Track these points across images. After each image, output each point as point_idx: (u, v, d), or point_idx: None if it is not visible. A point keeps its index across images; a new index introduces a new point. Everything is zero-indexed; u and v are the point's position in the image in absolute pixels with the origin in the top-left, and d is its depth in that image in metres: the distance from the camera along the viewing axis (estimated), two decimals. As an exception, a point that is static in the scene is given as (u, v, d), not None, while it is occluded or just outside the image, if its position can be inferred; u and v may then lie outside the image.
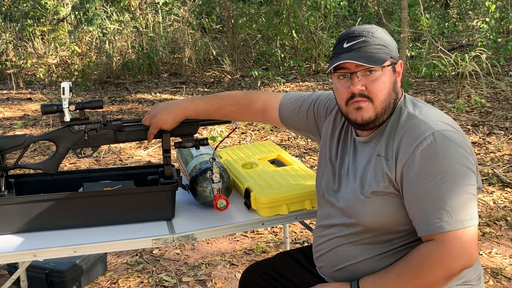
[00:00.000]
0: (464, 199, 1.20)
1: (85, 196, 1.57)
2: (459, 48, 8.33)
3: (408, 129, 1.27)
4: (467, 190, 1.21)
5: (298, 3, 8.64)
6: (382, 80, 1.30)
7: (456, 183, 1.20)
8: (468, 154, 1.23)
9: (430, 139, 1.22)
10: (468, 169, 1.22)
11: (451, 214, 1.19)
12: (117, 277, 2.69)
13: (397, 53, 1.35)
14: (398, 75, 1.35)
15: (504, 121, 4.94)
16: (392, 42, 1.35)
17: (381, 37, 1.32)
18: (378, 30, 1.33)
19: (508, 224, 3.07)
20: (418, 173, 1.22)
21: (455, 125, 1.29)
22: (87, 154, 1.68)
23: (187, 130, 1.67)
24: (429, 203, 1.21)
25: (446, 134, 1.22)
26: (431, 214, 1.21)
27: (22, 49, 8.93)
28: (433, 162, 1.21)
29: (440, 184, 1.20)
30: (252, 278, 1.68)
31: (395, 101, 1.33)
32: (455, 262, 1.20)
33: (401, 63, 1.35)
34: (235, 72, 8.63)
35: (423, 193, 1.22)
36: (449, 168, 1.20)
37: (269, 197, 1.63)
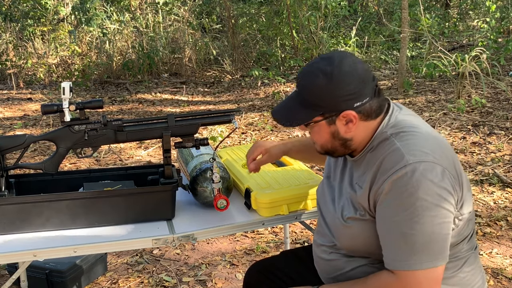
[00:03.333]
0: (428, 239, 1.16)
1: (85, 196, 1.57)
2: (459, 48, 8.33)
3: (384, 158, 1.22)
4: (433, 229, 1.16)
5: (298, 3, 8.64)
6: (314, 130, 1.30)
7: (422, 222, 1.15)
8: (441, 189, 1.16)
9: (402, 172, 1.17)
10: (439, 207, 1.16)
11: (413, 255, 1.17)
12: (117, 277, 2.69)
13: (338, 106, 1.23)
14: (349, 123, 1.25)
15: (504, 121, 4.93)
16: (331, 93, 1.21)
17: (313, 93, 1.23)
18: (315, 83, 1.22)
19: (508, 224, 3.07)
20: (387, 205, 1.20)
21: (439, 151, 1.21)
22: (87, 154, 1.68)
23: (188, 130, 1.67)
24: (393, 238, 1.20)
25: (421, 167, 1.16)
26: (393, 249, 1.20)
27: (22, 49, 8.92)
28: (402, 197, 1.16)
29: (406, 221, 1.16)
30: (256, 275, 1.68)
31: (345, 143, 1.29)
32: None
33: (351, 113, 1.23)
34: (235, 72, 8.62)
35: (389, 227, 1.20)
36: (417, 205, 1.15)
37: (269, 197, 1.63)
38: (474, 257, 1.36)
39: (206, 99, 7.24)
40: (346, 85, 1.21)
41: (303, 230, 3.12)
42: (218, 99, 7.20)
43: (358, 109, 1.24)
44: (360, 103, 1.23)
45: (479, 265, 1.39)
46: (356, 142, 1.29)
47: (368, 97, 1.23)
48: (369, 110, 1.25)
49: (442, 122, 5.10)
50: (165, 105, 6.87)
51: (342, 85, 1.21)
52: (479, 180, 3.69)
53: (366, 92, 1.23)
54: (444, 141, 1.29)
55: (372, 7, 10.89)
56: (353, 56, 1.26)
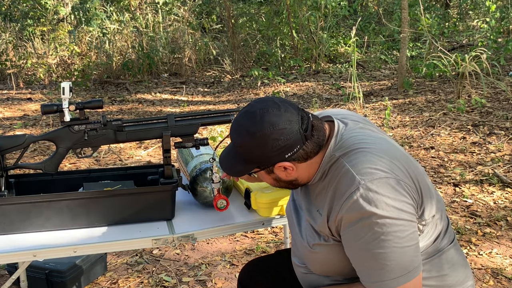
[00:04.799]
0: (398, 255, 1.16)
1: (85, 196, 1.57)
2: (459, 48, 8.33)
3: (338, 183, 1.22)
4: (401, 244, 1.16)
5: (298, 3, 8.64)
6: (258, 177, 1.35)
7: (387, 240, 1.15)
8: (398, 202, 1.16)
9: (357, 194, 1.16)
10: (401, 220, 1.16)
11: (386, 273, 1.17)
12: (117, 277, 2.69)
13: (269, 160, 1.23)
14: (287, 169, 1.25)
15: (504, 121, 4.93)
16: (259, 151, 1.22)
17: (244, 151, 1.24)
18: (242, 142, 1.23)
19: (508, 224, 3.07)
20: (349, 230, 1.19)
21: (389, 164, 1.20)
22: (87, 154, 1.68)
23: (187, 130, 1.67)
24: (363, 260, 1.19)
25: (374, 186, 1.15)
26: (366, 271, 1.20)
27: (22, 49, 8.93)
28: (362, 219, 1.16)
29: (372, 242, 1.16)
30: (250, 275, 1.68)
31: (292, 182, 1.30)
32: None
33: (284, 164, 1.23)
34: (235, 72, 8.62)
35: (357, 250, 1.20)
36: (379, 224, 1.14)
37: (269, 197, 1.63)
38: (454, 250, 1.36)
39: (206, 99, 7.24)
40: (272, 142, 1.20)
41: (303, 230, 3.12)
42: (218, 99, 7.20)
43: (291, 157, 1.22)
44: (291, 153, 1.22)
45: (462, 257, 1.38)
46: (304, 179, 1.29)
47: (299, 145, 1.21)
48: (304, 154, 1.23)
49: (442, 122, 5.10)
50: (165, 105, 6.87)
51: (266, 143, 1.20)
52: (479, 180, 3.69)
53: (294, 142, 1.21)
54: (394, 149, 1.27)
55: (372, 7, 10.90)
56: (276, 106, 1.22)
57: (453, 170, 3.90)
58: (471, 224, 3.09)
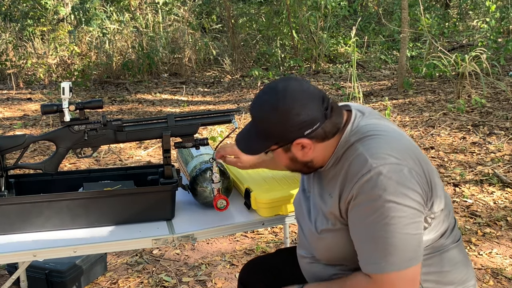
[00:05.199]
0: (400, 241, 1.17)
1: (85, 196, 1.57)
2: (459, 48, 8.33)
3: (350, 165, 1.24)
4: (404, 230, 1.17)
5: (298, 3, 8.64)
6: (275, 156, 1.34)
7: (392, 223, 1.16)
8: (408, 190, 1.17)
9: (367, 176, 1.18)
10: (408, 207, 1.17)
11: (386, 257, 1.18)
12: (117, 277, 2.69)
13: (289, 136, 1.24)
14: (304, 148, 1.26)
15: (504, 121, 4.93)
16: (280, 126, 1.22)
17: (264, 125, 1.25)
18: (265, 116, 1.24)
19: (508, 224, 3.07)
20: (356, 211, 1.20)
21: (403, 153, 1.22)
22: (87, 154, 1.68)
23: (187, 130, 1.67)
24: (365, 242, 1.21)
25: (385, 170, 1.17)
26: (366, 253, 1.21)
27: (22, 49, 8.93)
28: (370, 201, 1.17)
29: (376, 224, 1.17)
30: (251, 273, 1.69)
31: (307, 164, 1.31)
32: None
33: (303, 141, 1.24)
34: (235, 72, 8.62)
35: (360, 232, 1.21)
36: (385, 208, 1.16)
37: (269, 197, 1.63)
38: (458, 250, 1.36)
39: (206, 99, 7.24)
40: (293, 116, 1.21)
41: (303, 230, 3.12)
42: (218, 99, 7.20)
43: (310, 135, 1.24)
44: (311, 130, 1.23)
45: (465, 257, 1.39)
46: (318, 162, 1.30)
47: (319, 122, 1.23)
48: (323, 133, 1.25)
49: (442, 122, 5.10)
50: (165, 105, 6.87)
51: (288, 116, 1.21)
52: (479, 180, 3.69)
53: (314, 119, 1.22)
54: (408, 142, 1.29)
55: (372, 7, 10.90)
56: (298, 83, 1.25)
57: (453, 170, 3.90)
58: (471, 224, 3.09)
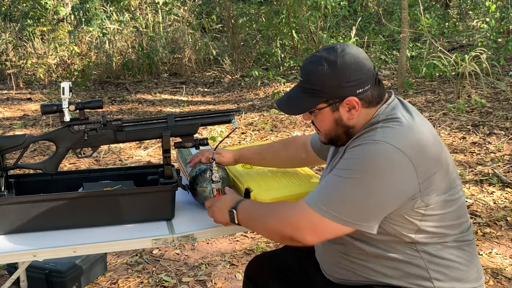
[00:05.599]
0: (343, 197, 1.22)
1: (85, 196, 1.57)
2: (459, 48, 8.33)
3: (363, 135, 1.31)
4: (356, 195, 1.21)
5: (298, 3, 8.64)
6: (318, 118, 1.37)
7: (354, 184, 1.22)
8: (393, 170, 1.20)
9: (366, 142, 1.25)
10: (378, 180, 1.20)
11: (320, 195, 1.26)
12: (117, 277, 2.69)
13: (342, 92, 1.30)
14: (352, 109, 1.31)
15: (504, 121, 4.94)
16: (335, 80, 1.28)
17: (317, 80, 1.30)
18: (319, 70, 1.29)
19: (508, 224, 3.07)
20: (341, 160, 1.29)
21: (416, 149, 1.23)
22: (87, 154, 1.68)
23: (187, 130, 1.66)
24: (325, 180, 1.30)
25: (384, 148, 1.21)
26: (318, 185, 1.32)
27: (22, 49, 8.93)
28: (353, 157, 1.25)
29: (340, 175, 1.25)
30: (258, 268, 1.70)
31: (348, 130, 1.34)
32: (288, 226, 1.27)
33: (354, 100, 1.29)
34: (235, 72, 8.62)
35: (332, 172, 1.29)
36: (360, 172, 1.22)
37: (269, 197, 1.63)
38: (468, 248, 1.37)
39: (206, 99, 7.24)
40: (348, 72, 1.28)
41: (303, 230, 3.12)
42: (218, 99, 7.20)
43: (360, 95, 1.30)
44: (362, 89, 1.29)
45: (475, 259, 1.39)
46: (357, 129, 1.35)
47: (369, 85, 1.30)
48: (371, 97, 1.31)
49: (442, 122, 5.10)
50: (164, 105, 6.87)
51: (345, 72, 1.28)
52: (479, 180, 3.69)
53: (367, 79, 1.30)
54: (431, 145, 1.28)
55: (372, 7, 10.89)
56: (354, 47, 1.33)
57: (453, 170, 3.89)
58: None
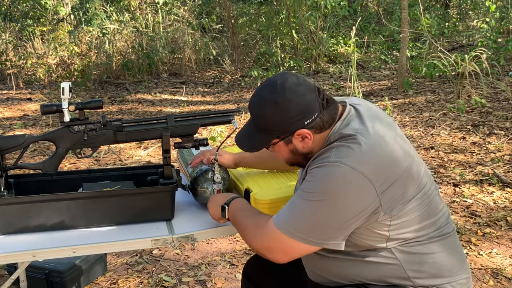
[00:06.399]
0: (307, 219, 1.27)
1: (85, 196, 1.57)
2: (459, 48, 8.33)
3: (321, 156, 1.32)
4: (319, 216, 1.25)
5: (298, 3, 8.64)
6: (276, 150, 1.41)
7: (315, 206, 1.26)
8: (350, 197, 1.23)
9: (322, 165, 1.27)
10: (338, 206, 1.24)
11: (286, 215, 1.30)
12: (117, 277, 2.69)
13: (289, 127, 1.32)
14: (304, 139, 1.34)
15: (504, 121, 4.93)
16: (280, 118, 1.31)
17: (264, 120, 1.34)
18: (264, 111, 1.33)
19: (508, 224, 3.07)
20: (303, 180, 1.32)
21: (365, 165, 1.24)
22: (86, 154, 1.68)
23: (187, 130, 1.66)
24: (290, 200, 1.33)
25: (341, 170, 1.23)
26: (285, 205, 1.34)
27: (22, 49, 8.92)
28: (312, 180, 1.28)
29: (303, 197, 1.28)
30: (255, 266, 1.71)
31: (306, 156, 1.37)
32: (261, 248, 1.36)
33: (303, 131, 1.32)
34: (235, 72, 8.62)
35: (296, 193, 1.33)
36: (319, 195, 1.25)
37: (269, 197, 1.62)
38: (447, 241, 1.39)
39: (206, 99, 7.24)
40: (292, 108, 1.30)
41: (303, 230, 3.12)
42: (218, 99, 7.20)
43: (310, 125, 1.32)
44: (310, 119, 1.31)
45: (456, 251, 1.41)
46: (316, 152, 1.36)
47: (317, 112, 1.32)
48: (321, 123, 1.33)
49: (442, 122, 5.10)
50: (164, 105, 6.87)
51: (288, 109, 1.30)
52: (479, 180, 3.69)
53: (312, 109, 1.31)
54: (388, 155, 1.29)
55: (372, 7, 10.89)
56: (294, 76, 1.33)
57: (453, 170, 3.90)
58: (471, 224, 3.09)
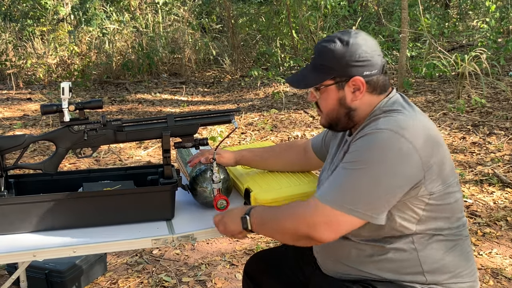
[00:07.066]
0: (354, 189, 1.24)
1: (85, 196, 1.57)
2: (459, 48, 8.33)
3: (366, 127, 1.32)
4: (367, 181, 1.23)
5: (298, 3, 8.64)
6: (323, 97, 1.40)
7: (361, 168, 1.24)
8: (397, 160, 1.22)
9: (369, 132, 1.27)
10: (385, 171, 1.23)
11: (331, 191, 1.26)
12: (117, 277, 2.69)
13: (350, 70, 1.33)
14: (356, 91, 1.34)
15: (504, 121, 4.94)
16: (345, 57, 1.32)
17: (328, 56, 1.35)
18: (332, 47, 1.34)
19: (508, 224, 3.07)
20: (347, 153, 1.31)
21: (415, 133, 1.25)
22: (86, 154, 1.68)
23: (187, 130, 1.66)
24: (333, 175, 1.31)
25: (388, 136, 1.24)
26: (327, 182, 1.30)
27: (22, 49, 8.92)
28: (357, 149, 1.27)
29: (349, 162, 1.27)
30: (257, 265, 1.70)
31: (350, 112, 1.37)
32: (303, 225, 1.27)
33: (360, 80, 1.33)
34: (235, 72, 8.63)
35: (339, 167, 1.31)
36: (366, 162, 1.24)
37: (269, 197, 1.62)
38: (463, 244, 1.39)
39: (206, 99, 7.24)
40: (359, 52, 1.32)
41: (303, 230, 3.12)
42: (218, 99, 7.20)
43: (367, 78, 1.33)
44: (369, 72, 1.33)
45: (469, 255, 1.41)
46: (358, 115, 1.38)
47: (377, 70, 1.34)
48: (376, 83, 1.35)
49: (442, 122, 5.10)
50: (164, 105, 6.87)
51: (355, 51, 1.32)
52: (479, 180, 3.69)
53: (375, 64, 1.34)
54: (433, 135, 1.30)
55: (372, 7, 10.89)
56: (367, 34, 1.39)
57: (453, 170, 3.89)
58: (471, 224, 3.09)
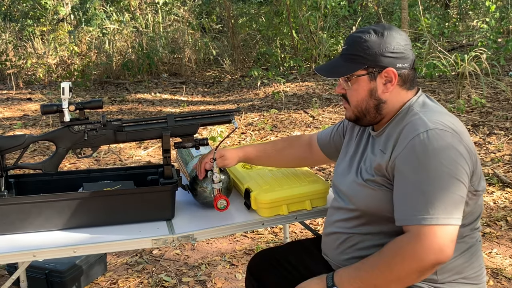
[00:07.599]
0: (445, 195, 1.22)
1: (85, 196, 1.57)
2: (459, 48, 8.33)
3: (407, 125, 1.30)
4: (451, 190, 1.22)
5: (298, 3, 8.64)
6: (353, 87, 1.38)
7: (441, 182, 1.22)
8: (458, 157, 1.24)
9: (423, 136, 1.24)
10: (458, 166, 1.23)
11: (430, 210, 1.21)
12: (117, 277, 2.69)
13: (383, 61, 1.33)
14: (388, 83, 1.35)
15: (504, 121, 4.93)
16: (380, 47, 1.33)
17: (362, 46, 1.34)
18: (366, 37, 1.34)
19: (508, 224, 3.07)
20: (407, 165, 1.26)
21: (456, 127, 1.29)
22: (87, 154, 1.68)
23: (187, 130, 1.66)
24: (411, 196, 1.24)
25: (440, 133, 1.24)
26: (410, 206, 1.24)
27: (22, 49, 8.93)
28: (422, 158, 1.23)
29: (425, 181, 1.23)
30: (261, 263, 1.70)
31: (379, 104, 1.37)
32: (427, 256, 1.20)
33: (392, 72, 1.33)
34: (235, 72, 8.63)
35: (408, 185, 1.25)
36: (437, 168, 1.22)
37: (269, 197, 1.63)
38: (474, 247, 1.39)
39: (206, 99, 7.24)
40: (393, 43, 1.33)
41: (302, 230, 3.12)
42: (218, 99, 7.20)
43: (399, 70, 1.34)
44: (402, 65, 1.34)
45: (480, 258, 1.41)
46: (387, 109, 1.37)
47: (409, 64, 1.35)
48: (406, 77, 1.36)
49: (441, 122, 5.10)
50: (164, 105, 6.87)
51: (390, 42, 1.33)
52: (479, 180, 3.69)
53: (408, 57, 1.35)
54: (467, 132, 1.34)
55: (372, 7, 10.89)
56: (399, 28, 1.40)
57: (453, 170, 3.90)
58: (471, 224, 3.09)
